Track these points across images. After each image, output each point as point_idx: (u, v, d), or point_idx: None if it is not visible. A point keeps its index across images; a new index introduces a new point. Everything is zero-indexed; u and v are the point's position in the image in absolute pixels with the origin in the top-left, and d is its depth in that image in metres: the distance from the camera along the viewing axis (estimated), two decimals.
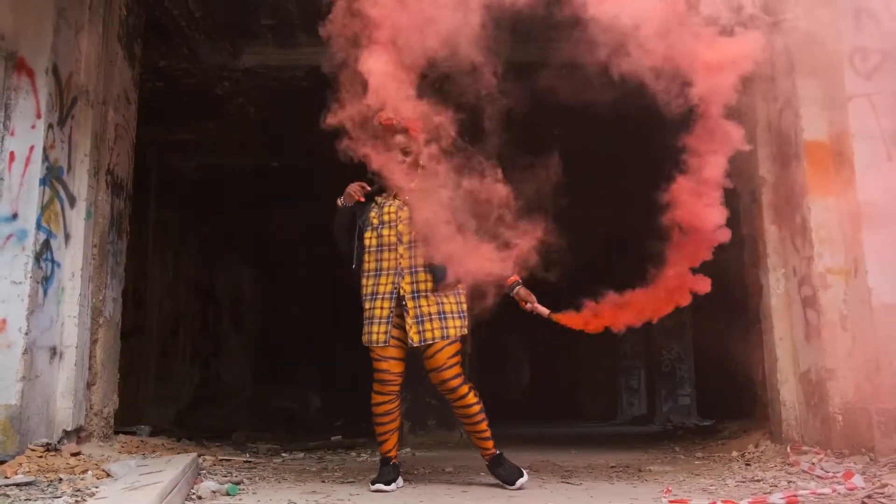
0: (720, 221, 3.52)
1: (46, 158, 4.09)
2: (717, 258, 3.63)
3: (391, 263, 3.68)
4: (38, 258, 4.01)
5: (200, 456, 4.43)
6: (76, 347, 4.30)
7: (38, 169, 4.04)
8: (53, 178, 4.18)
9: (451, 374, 3.63)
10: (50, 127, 4.12)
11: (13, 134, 4.04)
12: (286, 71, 6.99)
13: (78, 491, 3.16)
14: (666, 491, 3.39)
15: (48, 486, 3.28)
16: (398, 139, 3.70)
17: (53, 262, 4.19)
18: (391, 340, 3.64)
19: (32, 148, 4.04)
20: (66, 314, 4.29)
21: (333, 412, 10.48)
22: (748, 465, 4.36)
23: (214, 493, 3.30)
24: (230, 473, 4.09)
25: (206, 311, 11.43)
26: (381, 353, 3.66)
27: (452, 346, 3.64)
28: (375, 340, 3.64)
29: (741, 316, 6.04)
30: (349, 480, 3.97)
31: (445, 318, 3.63)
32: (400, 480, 3.68)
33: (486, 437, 3.71)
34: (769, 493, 3.19)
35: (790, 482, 3.52)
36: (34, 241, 3.98)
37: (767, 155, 4.88)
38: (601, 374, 13.70)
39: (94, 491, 3.10)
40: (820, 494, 3.08)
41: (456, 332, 3.64)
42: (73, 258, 4.35)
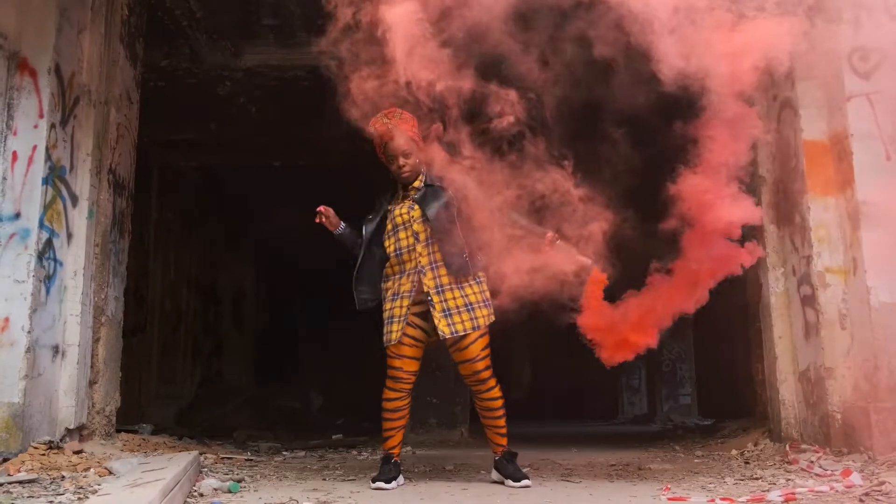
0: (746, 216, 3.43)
1: (49, 158, 4.11)
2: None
3: (412, 264, 3.72)
4: (40, 257, 4.03)
5: (202, 454, 4.46)
6: (78, 346, 4.32)
7: (40, 168, 4.05)
8: (56, 177, 4.20)
9: (482, 365, 3.67)
10: (52, 126, 4.14)
11: (16, 133, 4.05)
12: (288, 71, 7.01)
13: (80, 488, 3.18)
14: (665, 489, 3.40)
15: (51, 483, 3.30)
16: (397, 143, 3.72)
17: (56, 260, 4.21)
18: (406, 339, 3.67)
19: (35, 147, 4.06)
20: (68, 313, 4.31)
21: (335, 411, 10.49)
22: (747, 463, 4.38)
23: (216, 490, 3.31)
24: (232, 471, 4.11)
25: (207, 310, 11.45)
26: (395, 350, 3.68)
27: (483, 337, 3.68)
28: (395, 339, 3.67)
29: (741, 315, 6.06)
30: (350, 478, 3.99)
31: (472, 308, 3.66)
32: (401, 479, 3.69)
33: (503, 432, 3.77)
34: (768, 490, 3.20)
35: (789, 480, 3.53)
36: (37, 240, 4.00)
37: (767, 154, 4.90)
38: (602, 373, 13.69)
39: (96, 488, 3.12)
40: (818, 492, 3.10)
41: (484, 320, 3.67)
42: (75, 257, 4.37)
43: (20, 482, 3.25)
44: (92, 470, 3.62)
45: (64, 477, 3.43)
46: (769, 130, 4.71)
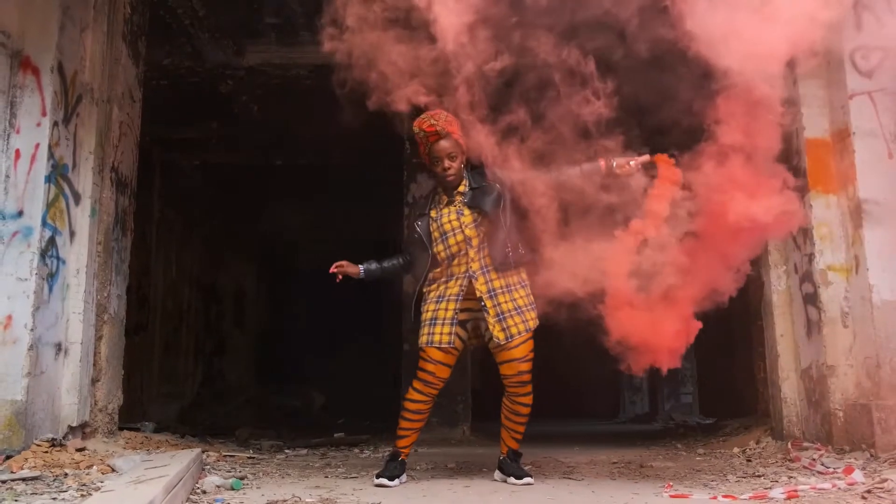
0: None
1: (52, 156, 4.12)
2: None
3: (461, 269, 3.68)
4: (43, 255, 4.03)
5: (204, 452, 4.46)
6: (81, 344, 4.32)
7: (43, 166, 4.06)
8: (58, 175, 4.21)
9: (527, 367, 3.67)
10: (55, 125, 4.15)
11: (19, 132, 4.06)
12: (290, 69, 7.03)
13: (83, 485, 3.18)
14: (667, 486, 3.41)
15: (54, 480, 3.30)
16: (442, 144, 3.67)
17: (58, 258, 4.21)
18: (447, 346, 3.64)
19: (38, 145, 4.07)
20: (70, 311, 4.32)
21: (336, 410, 10.49)
22: (749, 461, 4.38)
23: (219, 487, 3.32)
24: (234, 469, 4.11)
25: (208, 308, 11.47)
26: (432, 355, 3.64)
27: (531, 340, 3.67)
28: (438, 341, 3.62)
29: (742, 313, 6.06)
30: (352, 476, 3.99)
31: (522, 312, 3.65)
32: (404, 477, 3.69)
33: (519, 438, 3.80)
34: (770, 488, 3.20)
35: (791, 478, 3.53)
36: (39, 237, 4.01)
37: None
38: (603, 372, 13.69)
39: (99, 485, 3.12)
40: (820, 490, 3.10)
41: (533, 323, 3.67)
42: (77, 255, 4.37)
43: (23, 479, 3.26)
44: (95, 467, 3.63)
45: (67, 474, 3.44)
46: None
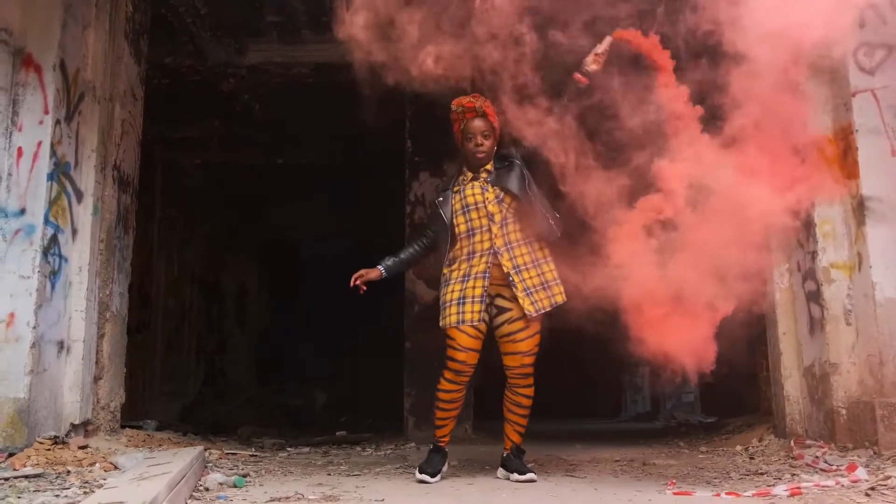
0: None
1: (54, 154, 4.12)
2: None
3: (485, 245, 3.71)
4: (45, 253, 4.03)
5: (206, 450, 4.46)
6: (83, 341, 4.33)
7: (45, 164, 4.07)
8: (61, 173, 4.21)
9: (530, 360, 3.71)
10: (57, 123, 4.15)
11: (21, 129, 4.06)
12: (291, 68, 7.03)
13: (86, 483, 3.19)
14: (670, 483, 3.40)
15: (56, 477, 3.30)
16: (477, 122, 3.76)
17: (61, 256, 4.21)
18: (473, 331, 3.64)
19: (40, 143, 4.07)
20: (73, 308, 4.32)
21: (338, 409, 10.49)
22: (752, 458, 4.37)
23: (221, 485, 3.31)
24: (236, 466, 4.11)
25: (210, 307, 11.47)
26: (460, 341, 3.63)
27: (538, 335, 3.71)
28: (470, 319, 3.62)
29: (744, 311, 6.04)
30: (355, 473, 3.99)
31: (549, 286, 3.69)
32: (445, 466, 3.80)
33: (522, 431, 3.83)
34: (773, 485, 3.19)
35: (794, 475, 3.52)
36: (42, 235, 4.01)
37: None
38: (605, 371, 13.71)
39: (101, 482, 3.12)
40: (824, 487, 3.09)
41: (561, 297, 3.69)
42: (80, 253, 4.37)
43: (26, 476, 3.26)
44: (97, 465, 3.63)
45: (70, 471, 3.44)
46: None
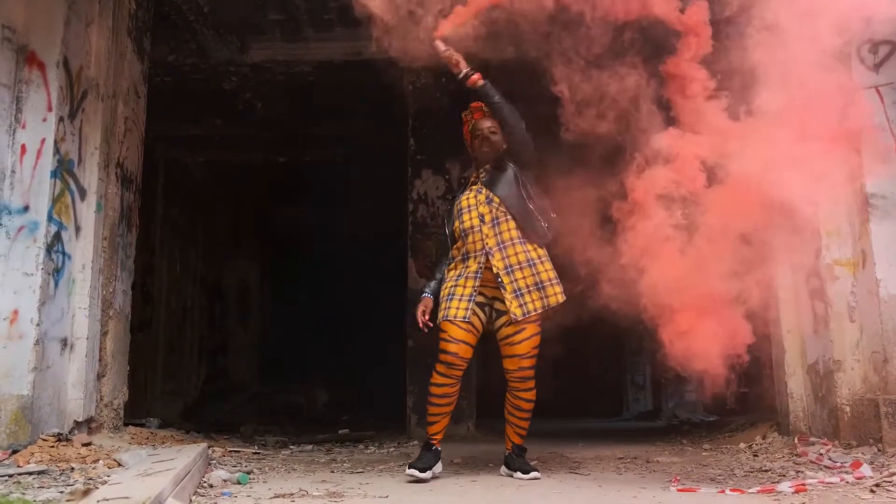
0: None
1: (57, 151, 4.12)
2: None
3: (477, 245, 3.73)
4: (49, 250, 4.03)
5: (210, 447, 4.46)
6: (87, 339, 4.32)
7: (49, 161, 4.06)
8: (64, 170, 4.21)
9: (528, 363, 3.69)
10: (61, 120, 4.15)
11: (24, 127, 4.06)
12: (294, 66, 7.03)
13: (90, 479, 3.18)
14: (674, 480, 3.40)
15: (60, 474, 3.30)
16: (485, 122, 3.83)
17: (64, 253, 4.21)
18: (465, 325, 3.64)
19: (43, 140, 4.07)
20: (76, 306, 4.32)
21: (340, 408, 10.50)
22: (756, 456, 4.37)
23: (226, 481, 3.32)
24: (240, 464, 4.11)
25: (212, 306, 11.47)
26: (452, 333, 3.63)
27: (535, 337, 3.68)
28: (453, 315, 3.64)
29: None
30: (358, 471, 3.99)
31: (543, 286, 3.67)
32: (439, 466, 3.68)
33: (523, 433, 3.81)
34: (777, 482, 3.19)
35: (798, 472, 3.52)
36: (45, 232, 4.01)
37: None
38: (606, 370, 13.69)
39: (106, 479, 3.12)
40: (828, 484, 3.09)
41: (555, 298, 3.67)
42: (83, 250, 4.37)
43: (30, 473, 3.26)
44: (101, 461, 3.63)
45: (73, 468, 3.44)
46: None
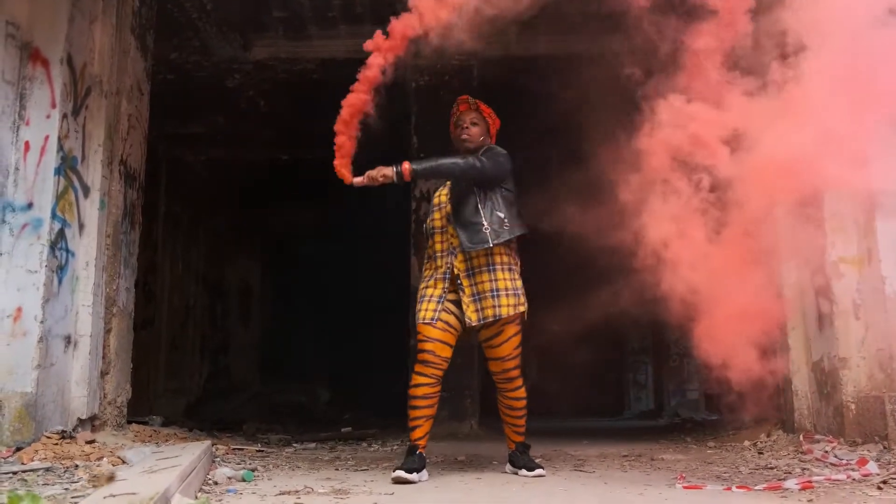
0: None
1: (61, 148, 4.11)
2: None
3: (444, 245, 3.71)
4: (52, 247, 4.03)
5: (213, 445, 4.45)
6: (90, 336, 4.32)
7: (52, 158, 4.06)
8: (68, 167, 4.20)
9: (512, 364, 3.66)
10: (64, 117, 4.14)
11: (28, 124, 4.05)
12: (297, 64, 7.02)
13: (95, 476, 3.17)
14: (680, 477, 3.39)
15: (65, 471, 3.30)
16: (468, 114, 3.80)
17: (68, 251, 4.21)
18: (439, 323, 3.58)
19: (47, 137, 4.06)
20: (80, 303, 4.32)
21: (342, 406, 10.49)
22: (761, 453, 4.36)
23: (230, 478, 3.31)
24: (244, 461, 4.10)
25: (214, 304, 11.46)
26: (427, 333, 3.58)
27: (516, 337, 3.64)
28: (422, 318, 3.61)
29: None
30: (363, 469, 3.98)
31: (498, 295, 3.57)
32: (425, 473, 3.48)
33: (521, 431, 3.78)
34: (784, 479, 3.18)
35: (804, 469, 3.52)
36: (49, 230, 4.00)
37: None
38: (608, 369, 13.68)
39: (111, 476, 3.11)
40: (835, 480, 3.08)
41: (508, 310, 3.56)
42: (87, 248, 4.37)
43: (34, 470, 3.25)
44: (105, 459, 3.62)
45: (77, 465, 3.43)
46: None
